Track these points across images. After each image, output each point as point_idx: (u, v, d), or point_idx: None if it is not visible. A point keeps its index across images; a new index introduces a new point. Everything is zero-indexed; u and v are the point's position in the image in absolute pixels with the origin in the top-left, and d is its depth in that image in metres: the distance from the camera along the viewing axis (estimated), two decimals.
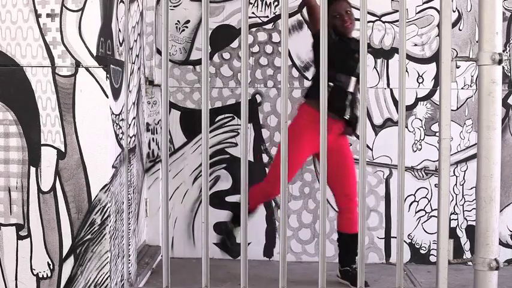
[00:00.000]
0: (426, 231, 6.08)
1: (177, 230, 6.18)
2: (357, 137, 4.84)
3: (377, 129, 6.05)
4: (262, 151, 6.10)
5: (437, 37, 5.39)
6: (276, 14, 6.05)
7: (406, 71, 5.86)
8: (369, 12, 5.51)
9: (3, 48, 3.97)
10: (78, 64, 3.92)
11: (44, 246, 4.01)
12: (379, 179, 6.10)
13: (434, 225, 4.32)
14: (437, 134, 3.84)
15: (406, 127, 5.92)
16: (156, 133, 6.03)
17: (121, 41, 4.31)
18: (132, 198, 4.86)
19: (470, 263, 3.78)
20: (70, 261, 4.00)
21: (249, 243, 4.18)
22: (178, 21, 6.10)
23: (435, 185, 5.85)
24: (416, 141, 6.05)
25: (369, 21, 5.87)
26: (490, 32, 3.60)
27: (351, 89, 5.04)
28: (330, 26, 4.64)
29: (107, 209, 3.96)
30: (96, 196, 3.96)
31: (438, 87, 3.78)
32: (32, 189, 4.00)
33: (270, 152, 6.03)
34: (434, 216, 5.84)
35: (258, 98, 6.08)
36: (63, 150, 3.96)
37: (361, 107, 3.87)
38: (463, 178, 6.06)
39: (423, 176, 6.07)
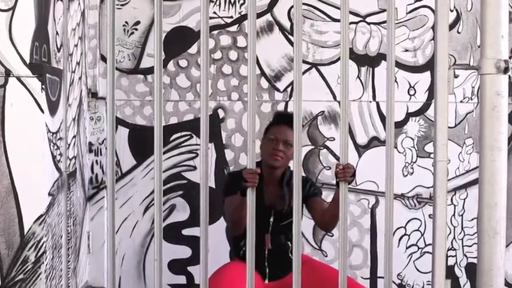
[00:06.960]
0: (419, 270, 6.12)
1: (125, 268, 6.16)
2: (337, 159, 4.86)
3: (361, 149, 6.08)
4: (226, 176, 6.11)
5: (432, 41, 5.44)
6: (242, 14, 6.07)
7: (395, 81, 5.90)
8: (351, 12, 5.53)
9: None
10: (8, 73, 3.90)
11: None
12: (364, 208, 6.13)
13: (428, 263, 4.34)
14: (431, 155, 3.86)
15: (395, 147, 5.96)
16: (101, 154, 6.02)
17: (59, 46, 4.31)
18: (72, 231, 4.85)
19: None
20: None
21: None
22: (126, 22, 6.10)
23: (429, 215, 5.89)
24: (407, 164, 6.09)
25: (351, 23, 5.91)
26: (494, 35, 3.63)
27: (268, 245, 4.93)
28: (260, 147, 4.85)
29: (43, 244, 3.95)
30: (30, 229, 3.95)
31: (433, 100, 3.81)
32: None
33: None
34: (428, 252, 5.88)
35: (221, 113, 6.09)
36: None
37: (342, 123, 3.89)
38: (463, 207, 6.11)
39: (415, 205, 6.12)
